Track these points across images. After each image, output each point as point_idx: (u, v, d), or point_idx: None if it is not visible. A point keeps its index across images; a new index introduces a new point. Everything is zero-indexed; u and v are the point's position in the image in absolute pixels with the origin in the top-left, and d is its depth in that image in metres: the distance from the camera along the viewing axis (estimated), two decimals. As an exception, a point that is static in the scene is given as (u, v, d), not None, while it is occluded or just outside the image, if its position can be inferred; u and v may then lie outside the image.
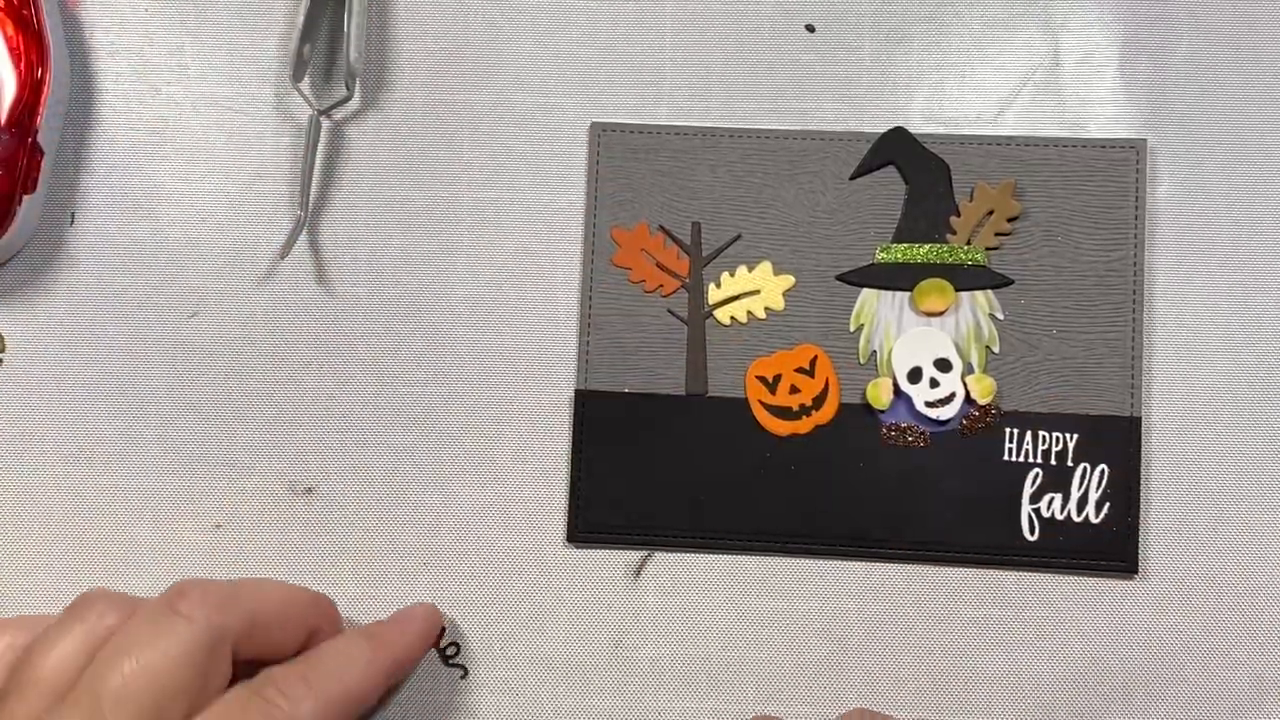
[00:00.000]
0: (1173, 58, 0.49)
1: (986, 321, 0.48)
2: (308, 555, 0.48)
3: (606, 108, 0.50)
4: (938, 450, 0.48)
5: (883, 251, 0.48)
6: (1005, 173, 0.49)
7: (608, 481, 0.48)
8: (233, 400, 0.49)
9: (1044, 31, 0.50)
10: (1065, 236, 0.48)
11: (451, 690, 0.48)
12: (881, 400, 0.48)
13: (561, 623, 0.48)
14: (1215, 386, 0.48)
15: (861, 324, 0.48)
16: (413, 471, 0.48)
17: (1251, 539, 0.47)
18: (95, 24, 0.50)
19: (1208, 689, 0.47)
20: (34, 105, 0.47)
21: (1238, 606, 0.47)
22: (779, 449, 0.48)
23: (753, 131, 0.49)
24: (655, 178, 0.49)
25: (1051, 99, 0.49)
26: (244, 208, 0.50)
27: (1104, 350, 0.48)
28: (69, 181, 0.50)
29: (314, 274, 0.49)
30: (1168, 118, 0.49)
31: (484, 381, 0.49)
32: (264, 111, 0.50)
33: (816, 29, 0.50)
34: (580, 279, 0.49)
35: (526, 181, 0.50)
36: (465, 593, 0.48)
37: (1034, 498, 0.47)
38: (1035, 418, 0.48)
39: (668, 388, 0.48)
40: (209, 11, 0.50)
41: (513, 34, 0.50)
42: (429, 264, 0.49)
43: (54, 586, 0.48)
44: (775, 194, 0.49)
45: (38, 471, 0.49)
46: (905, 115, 0.49)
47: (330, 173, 0.50)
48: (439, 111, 0.50)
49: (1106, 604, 0.47)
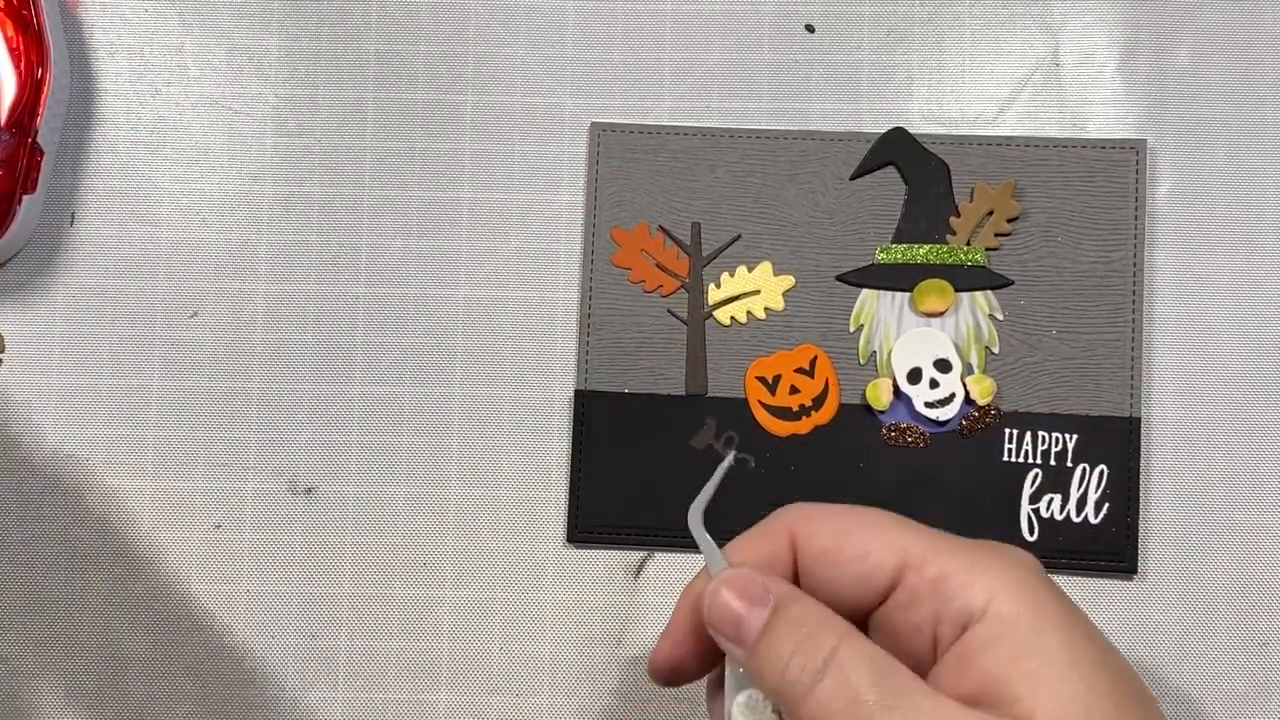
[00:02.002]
0: (1173, 58, 0.49)
1: (986, 322, 0.48)
2: (308, 555, 0.48)
3: (606, 108, 0.50)
4: (937, 451, 0.48)
5: (883, 252, 0.48)
6: (1005, 173, 0.49)
7: (608, 481, 0.48)
8: (232, 400, 0.49)
9: (1044, 31, 0.50)
10: (1065, 237, 0.48)
11: (452, 690, 0.48)
12: (881, 401, 0.48)
13: (561, 623, 0.48)
14: (1214, 387, 0.48)
15: (861, 324, 0.48)
16: (412, 472, 0.49)
17: (1250, 539, 0.47)
18: (95, 24, 0.50)
19: (1207, 688, 0.47)
20: (34, 105, 0.47)
21: (1236, 606, 0.47)
22: (779, 449, 0.48)
23: (753, 131, 0.49)
24: (655, 178, 0.49)
25: (1051, 99, 0.49)
26: (244, 208, 0.50)
27: (1103, 351, 0.48)
28: (69, 181, 0.50)
29: (314, 274, 0.49)
30: (1168, 118, 0.49)
31: (484, 381, 0.49)
32: (264, 111, 0.50)
33: (816, 29, 0.50)
34: (580, 279, 0.49)
35: (526, 181, 0.50)
36: (465, 593, 0.48)
37: (1033, 498, 0.47)
38: (1035, 418, 0.48)
39: (668, 388, 0.48)
40: (209, 11, 0.50)
41: (512, 34, 0.50)
42: (429, 264, 0.49)
43: (54, 586, 0.48)
44: (775, 194, 0.49)
45: (38, 471, 0.49)
46: (905, 115, 0.49)
47: (331, 172, 0.50)
48: (439, 111, 0.50)
49: (1106, 604, 0.47)
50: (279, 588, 0.48)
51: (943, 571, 0.33)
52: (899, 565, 0.33)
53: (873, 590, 0.34)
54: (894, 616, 0.34)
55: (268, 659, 0.48)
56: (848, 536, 0.34)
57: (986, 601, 0.32)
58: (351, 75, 0.50)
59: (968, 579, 0.33)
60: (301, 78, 0.50)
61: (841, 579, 0.34)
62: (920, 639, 0.33)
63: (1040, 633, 0.31)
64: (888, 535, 0.34)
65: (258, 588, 0.48)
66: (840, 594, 0.33)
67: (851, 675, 0.31)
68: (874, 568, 0.34)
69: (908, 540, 0.34)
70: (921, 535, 0.34)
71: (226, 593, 0.48)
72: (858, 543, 0.34)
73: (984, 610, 0.32)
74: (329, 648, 0.48)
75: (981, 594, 0.32)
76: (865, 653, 0.31)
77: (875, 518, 0.35)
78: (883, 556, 0.34)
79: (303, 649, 0.48)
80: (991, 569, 0.33)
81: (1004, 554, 0.34)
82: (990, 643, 0.31)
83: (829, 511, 0.35)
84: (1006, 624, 0.32)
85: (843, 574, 0.34)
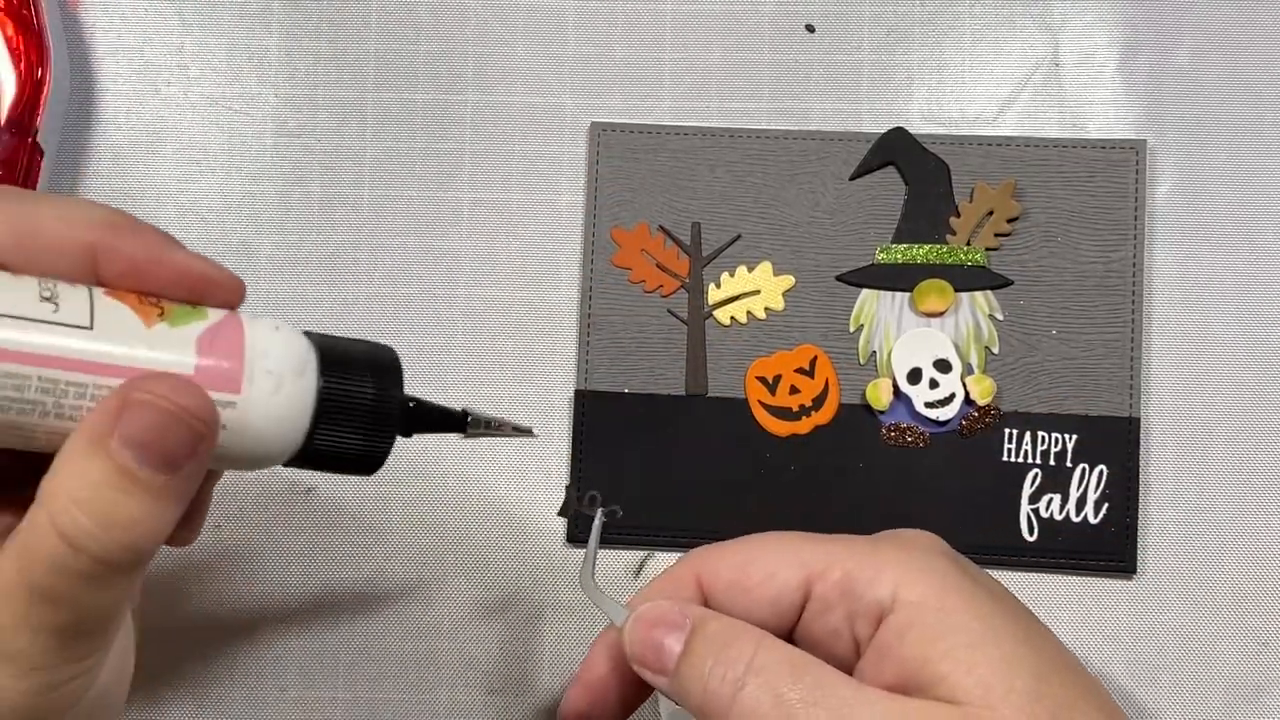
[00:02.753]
0: (1173, 58, 0.49)
1: (986, 322, 0.48)
2: (308, 555, 0.48)
3: (606, 108, 0.50)
4: (937, 451, 0.48)
5: (883, 252, 0.48)
6: (1005, 173, 0.49)
7: (608, 481, 0.48)
8: (233, 400, 0.49)
9: (1044, 31, 0.50)
10: (1065, 237, 0.48)
11: (452, 690, 0.48)
12: (881, 401, 0.48)
13: (562, 623, 0.48)
14: (1214, 387, 0.48)
15: (861, 324, 0.48)
16: (412, 472, 0.49)
17: (1249, 539, 0.47)
18: (95, 24, 0.50)
19: (1206, 688, 0.47)
20: (34, 105, 0.47)
21: (1236, 606, 0.47)
22: (779, 449, 0.48)
23: (753, 131, 0.49)
24: (655, 178, 0.49)
25: (1051, 99, 0.49)
26: (244, 208, 0.50)
27: (1103, 350, 0.48)
28: (69, 181, 0.50)
29: (314, 274, 0.49)
30: (1168, 118, 0.49)
31: (484, 381, 0.49)
32: (264, 111, 0.50)
33: (816, 29, 0.50)
34: (580, 279, 0.49)
35: (526, 181, 0.50)
36: (465, 593, 0.48)
37: (1033, 498, 0.47)
38: (1034, 418, 0.48)
39: (668, 388, 0.48)
40: (209, 11, 0.50)
41: (512, 34, 0.50)
42: (429, 264, 0.49)
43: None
44: (775, 194, 0.49)
45: (38, 471, 0.49)
46: (905, 115, 0.49)
47: (331, 172, 0.50)
48: (439, 111, 0.50)
49: (1105, 604, 0.47)
50: (279, 587, 0.48)
51: (846, 573, 0.33)
52: (805, 579, 0.34)
53: (787, 608, 0.34)
54: (813, 628, 0.34)
55: (268, 659, 0.48)
56: (750, 564, 0.35)
57: (893, 591, 0.33)
58: (351, 75, 0.50)
59: (872, 574, 0.33)
60: (301, 78, 0.50)
61: (755, 606, 0.34)
62: (842, 643, 0.34)
63: (950, 613, 0.32)
64: (788, 553, 0.34)
65: (257, 588, 0.48)
66: (758, 621, 0.34)
67: (771, 678, 0.31)
68: (782, 587, 0.34)
69: (808, 553, 0.34)
70: (820, 544, 0.34)
71: (226, 593, 0.48)
72: (761, 568, 0.34)
73: (892, 600, 0.32)
74: (329, 648, 0.48)
75: (887, 585, 0.33)
76: (783, 655, 0.32)
77: (774, 541, 0.35)
78: (788, 574, 0.34)
79: (303, 649, 0.48)
80: (893, 559, 0.33)
81: (903, 541, 0.35)
82: (904, 630, 0.32)
83: (729, 547, 0.36)
84: (916, 609, 0.32)
85: (755, 601, 0.34)
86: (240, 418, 0.30)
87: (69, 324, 0.28)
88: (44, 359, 0.28)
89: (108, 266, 0.30)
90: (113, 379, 0.29)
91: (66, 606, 0.28)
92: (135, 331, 0.29)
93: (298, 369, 0.31)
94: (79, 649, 0.29)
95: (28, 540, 0.28)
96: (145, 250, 0.30)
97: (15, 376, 0.28)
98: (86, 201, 0.31)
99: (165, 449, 0.28)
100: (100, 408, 0.28)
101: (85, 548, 0.27)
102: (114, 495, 0.28)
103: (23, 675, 0.28)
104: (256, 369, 0.30)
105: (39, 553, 0.27)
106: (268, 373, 0.30)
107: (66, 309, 0.29)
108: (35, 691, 0.28)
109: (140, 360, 0.29)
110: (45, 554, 0.27)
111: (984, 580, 0.34)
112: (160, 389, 0.28)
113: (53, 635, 0.28)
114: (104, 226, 0.30)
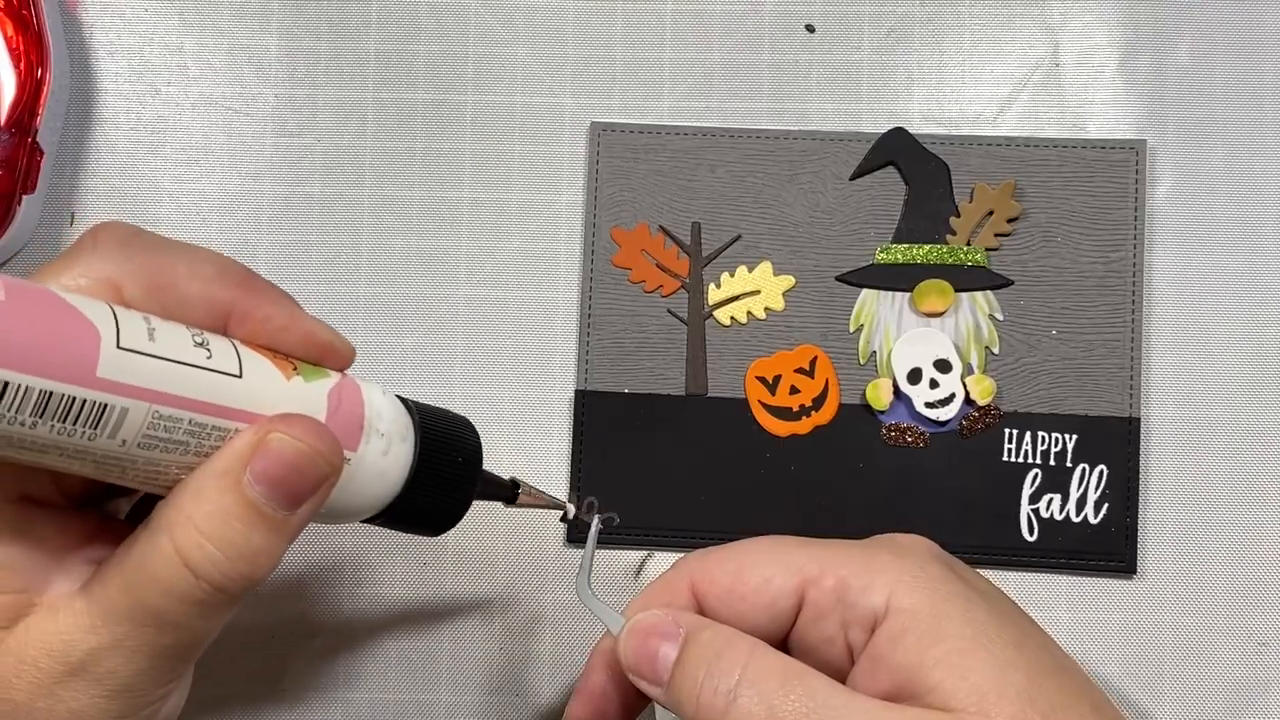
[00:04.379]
0: (1173, 58, 0.49)
1: (986, 322, 0.48)
2: (308, 555, 0.48)
3: (606, 108, 0.50)
4: (937, 451, 0.48)
5: (883, 252, 0.48)
6: (1005, 173, 0.49)
7: (608, 481, 0.48)
8: (233, 400, 0.49)
9: (1044, 31, 0.50)
10: (1065, 237, 0.48)
11: (452, 691, 0.48)
12: (881, 401, 0.48)
13: (562, 623, 0.48)
14: (1214, 387, 0.48)
15: (861, 325, 0.48)
16: (413, 471, 0.49)
17: (1249, 539, 0.48)
18: (95, 24, 0.50)
19: (1206, 688, 0.47)
20: (34, 105, 0.47)
21: (1235, 606, 0.47)
22: (779, 449, 0.48)
23: (753, 131, 0.49)
24: (655, 178, 0.49)
25: (1051, 99, 0.49)
26: (244, 208, 0.50)
27: (1103, 351, 0.48)
28: (69, 181, 0.50)
29: (314, 274, 0.49)
30: (1168, 118, 0.49)
31: (484, 381, 0.49)
32: (264, 111, 0.50)
33: (816, 29, 0.50)
34: (580, 279, 0.49)
35: (526, 181, 0.50)
36: (465, 593, 0.48)
37: (1033, 498, 0.47)
38: (1034, 418, 0.48)
39: (668, 388, 0.48)
40: (209, 11, 0.50)
41: (512, 34, 0.50)
42: (429, 264, 0.49)
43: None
44: (775, 194, 0.49)
45: (38, 471, 0.49)
46: (905, 115, 0.49)
47: (331, 172, 0.50)
48: (439, 111, 0.50)
49: (1105, 603, 0.47)
50: (279, 587, 0.48)
51: (840, 579, 0.33)
52: (799, 585, 0.34)
53: (781, 614, 0.34)
54: (807, 634, 0.34)
55: (268, 659, 0.48)
56: (745, 570, 0.34)
57: (887, 598, 0.32)
58: (351, 75, 0.50)
59: (866, 580, 0.33)
60: (301, 78, 0.50)
61: (750, 612, 0.34)
62: (835, 650, 0.34)
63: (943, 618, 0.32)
64: (783, 559, 0.34)
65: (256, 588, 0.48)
66: (753, 627, 0.34)
67: (764, 689, 0.31)
68: (777, 593, 0.34)
69: (802, 558, 0.34)
70: (815, 549, 0.34)
71: (227, 592, 0.48)
72: (756, 573, 0.34)
73: (886, 607, 0.32)
74: (329, 648, 0.48)
75: (881, 592, 0.33)
76: (775, 665, 0.31)
77: (769, 545, 0.35)
78: (782, 580, 0.34)
79: (303, 649, 0.48)
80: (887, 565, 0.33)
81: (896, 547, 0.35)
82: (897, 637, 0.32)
83: (723, 552, 0.36)
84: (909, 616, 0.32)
85: (750, 607, 0.34)
86: (350, 473, 0.32)
87: (223, 371, 0.30)
88: (199, 404, 0.29)
89: (240, 324, 0.32)
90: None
91: (174, 631, 0.29)
92: (278, 383, 0.31)
93: (403, 434, 0.33)
94: (171, 672, 0.31)
95: (144, 564, 0.29)
96: (279, 313, 0.32)
97: (169, 419, 0.28)
98: (215, 255, 0.32)
99: (293, 487, 0.30)
100: (231, 445, 0.29)
101: (208, 576, 0.29)
102: (241, 528, 0.29)
103: (112, 696, 0.29)
104: (373, 429, 0.32)
105: (158, 577, 0.29)
106: (380, 434, 0.32)
107: (218, 356, 0.30)
108: (120, 713, 0.30)
109: (283, 410, 0.30)
110: (166, 579, 0.29)
111: (978, 584, 0.34)
112: (296, 430, 0.30)
113: (150, 657, 0.29)
114: (239, 286, 0.32)
